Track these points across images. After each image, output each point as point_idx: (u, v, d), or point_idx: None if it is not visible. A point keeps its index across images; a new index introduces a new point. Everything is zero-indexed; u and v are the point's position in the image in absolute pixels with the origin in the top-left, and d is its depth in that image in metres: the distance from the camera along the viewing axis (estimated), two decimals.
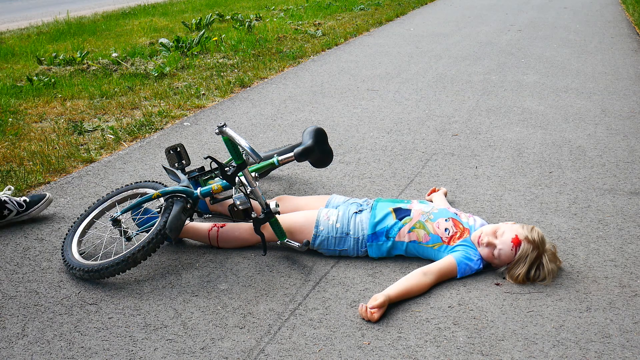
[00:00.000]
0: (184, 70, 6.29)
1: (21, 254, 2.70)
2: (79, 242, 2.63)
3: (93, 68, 6.26)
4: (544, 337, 2.10)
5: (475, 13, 10.66)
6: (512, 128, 4.33)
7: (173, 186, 2.63)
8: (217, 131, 2.52)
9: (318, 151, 2.82)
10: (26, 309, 2.30)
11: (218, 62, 6.57)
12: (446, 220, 2.58)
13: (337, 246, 2.61)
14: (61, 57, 6.54)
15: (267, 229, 2.61)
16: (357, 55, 7.06)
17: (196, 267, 2.58)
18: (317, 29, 8.64)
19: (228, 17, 9.70)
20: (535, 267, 2.41)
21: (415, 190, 3.32)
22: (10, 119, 4.60)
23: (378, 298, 2.22)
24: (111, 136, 4.24)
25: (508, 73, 6.04)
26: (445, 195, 3.08)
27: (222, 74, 6.05)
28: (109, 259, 2.44)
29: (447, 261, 2.46)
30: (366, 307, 2.20)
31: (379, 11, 10.63)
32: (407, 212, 2.61)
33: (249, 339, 2.12)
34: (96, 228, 2.80)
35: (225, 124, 2.51)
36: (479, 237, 2.50)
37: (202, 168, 2.90)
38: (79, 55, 6.55)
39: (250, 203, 2.52)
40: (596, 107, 4.80)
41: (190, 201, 2.57)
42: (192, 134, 4.30)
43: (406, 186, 3.37)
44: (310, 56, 7.03)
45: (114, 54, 6.73)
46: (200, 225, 2.75)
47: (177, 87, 5.57)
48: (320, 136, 2.84)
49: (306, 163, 3.51)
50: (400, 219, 2.59)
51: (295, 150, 2.79)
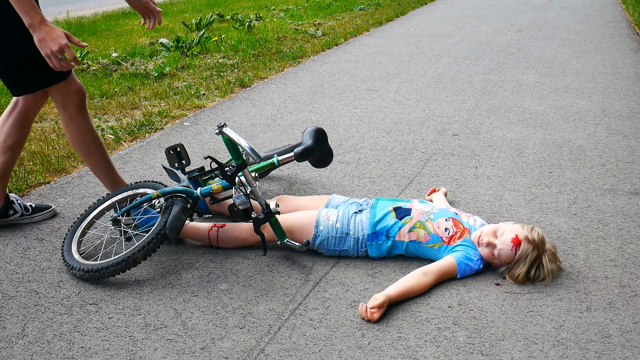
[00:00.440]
0: (184, 70, 6.29)
1: (21, 254, 2.70)
2: (79, 242, 2.63)
3: (93, 68, 6.27)
4: (544, 337, 2.10)
5: (475, 13, 10.66)
6: (512, 128, 4.33)
7: (173, 186, 2.63)
8: (217, 131, 2.52)
9: (318, 151, 2.83)
10: (26, 309, 2.31)
11: (218, 62, 6.57)
12: (446, 220, 2.58)
13: (337, 246, 2.61)
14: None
15: (267, 229, 2.61)
16: (357, 55, 7.06)
17: (196, 267, 2.58)
18: (317, 29, 8.64)
19: (228, 17, 9.70)
20: (535, 267, 2.41)
21: (415, 190, 3.32)
22: None
23: (378, 298, 2.22)
24: (111, 136, 4.24)
25: (508, 73, 6.04)
26: (445, 195, 3.08)
27: (222, 74, 6.05)
28: (109, 259, 2.44)
29: (447, 261, 2.46)
30: (366, 307, 2.20)
31: (379, 11, 10.63)
32: (408, 212, 2.61)
33: (249, 339, 2.12)
34: (96, 228, 2.80)
35: (225, 124, 2.52)
36: (479, 237, 2.50)
37: (202, 168, 2.90)
38: (79, 55, 6.54)
39: (250, 203, 2.52)
40: (596, 107, 4.80)
41: (190, 201, 2.57)
42: (192, 134, 4.30)
43: (406, 186, 3.38)
44: (310, 56, 7.03)
45: (114, 54, 6.73)
46: (200, 225, 2.75)
47: (177, 87, 5.57)
48: (320, 136, 2.84)
49: (306, 163, 3.51)
50: (400, 219, 2.59)
51: (295, 150, 2.79)
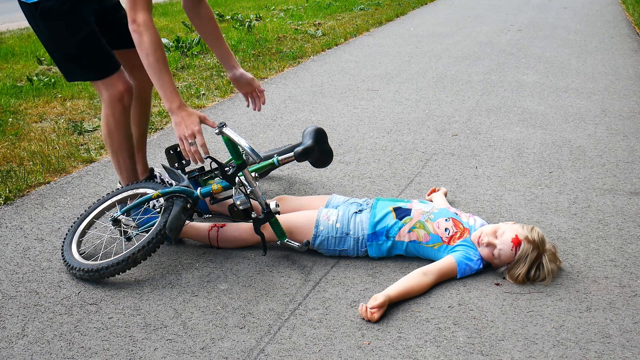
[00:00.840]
0: (184, 70, 6.29)
1: (21, 254, 2.70)
2: (79, 242, 2.63)
3: None
4: (544, 337, 2.10)
5: (475, 13, 10.66)
6: (512, 128, 4.33)
7: (173, 186, 2.63)
8: (217, 131, 2.52)
9: (318, 151, 2.83)
10: (26, 309, 2.30)
11: (218, 62, 6.57)
12: (446, 220, 2.58)
13: (337, 246, 2.61)
14: None
15: (267, 229, 2.61)
16: (357, 55, 7.06)
17: (196, 267, 2.58)
18: (317, 29, 8.63)
19: (228, 17, 9.70)
20: (535, 267, 2.41)
21: (415, 190, 3.32)
22: (10, 119, 4.60)
23: (378, 298, 2.22)
24: None
25: (508, 73, 6.04)
26: (445, 195, 3.08)
27: (222, 74, 6.05)
28: (109, 259, 2.44)
29: (447, 261, 2.45)
30: (366, 307, 2.20)
31: (379, 11, 10.62)
32: (408, 212, 2.61)
33: (249, 339, 2.12)
34: (96, 228, 2.80)
35: (225, 124, 2.51)
36: (479, 237, 2.50)
37: (202, 168, 2.90)
38: None
39: (250, 203, 2.52)
40: (596, 107, 4.80)
41: (190, 201, 2.57)
42: None
43: (406, 186, 3.37)
44: (310, 56, 7.02)
45: None
46: (200, 225, 2.75)
47: (177, 87, 5.55)
48: (320, 136, 2.84)
49: (306, 163, 3.51)
50: (400, 219, 2.59)
51: (295, 150, 2.79)
